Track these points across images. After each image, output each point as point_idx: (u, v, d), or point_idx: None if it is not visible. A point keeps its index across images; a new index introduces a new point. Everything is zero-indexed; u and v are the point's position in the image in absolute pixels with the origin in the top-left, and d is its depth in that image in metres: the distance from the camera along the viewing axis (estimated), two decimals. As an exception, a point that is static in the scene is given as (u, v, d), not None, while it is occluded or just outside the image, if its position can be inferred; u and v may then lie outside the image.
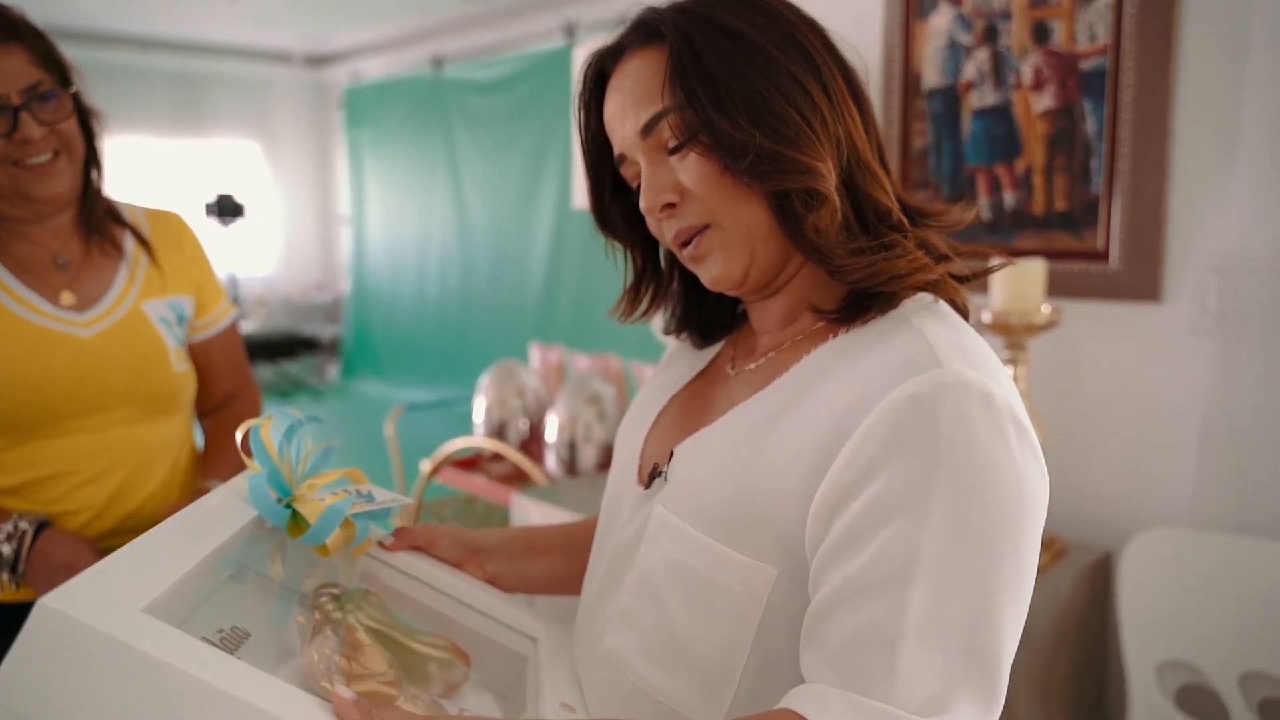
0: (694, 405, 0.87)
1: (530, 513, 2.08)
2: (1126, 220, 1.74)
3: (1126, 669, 1.67)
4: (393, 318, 8.43)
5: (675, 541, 0.76)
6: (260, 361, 8.37)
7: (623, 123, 0.79)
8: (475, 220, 7.42)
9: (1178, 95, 1.68)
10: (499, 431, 2.77)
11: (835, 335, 0.77)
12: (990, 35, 1.87)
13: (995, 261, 0.81)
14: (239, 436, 0.90)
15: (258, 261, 8.89)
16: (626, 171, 0.82)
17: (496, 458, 2.74)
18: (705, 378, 0.91)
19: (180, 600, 0.69)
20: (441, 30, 7.52)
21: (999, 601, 0.63)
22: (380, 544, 0.94)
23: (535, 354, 3.07)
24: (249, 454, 0.89)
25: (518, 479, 2.63)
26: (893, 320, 0.74)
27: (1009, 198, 1.88)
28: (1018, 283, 1.64)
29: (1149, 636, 1.67)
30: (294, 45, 8.36)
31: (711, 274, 0.79)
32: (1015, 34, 1.83)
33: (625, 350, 3.35)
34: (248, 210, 8.18)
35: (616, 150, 0.82)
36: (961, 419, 0.64)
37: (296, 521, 0.87)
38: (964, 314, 0.77)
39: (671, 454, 0.81)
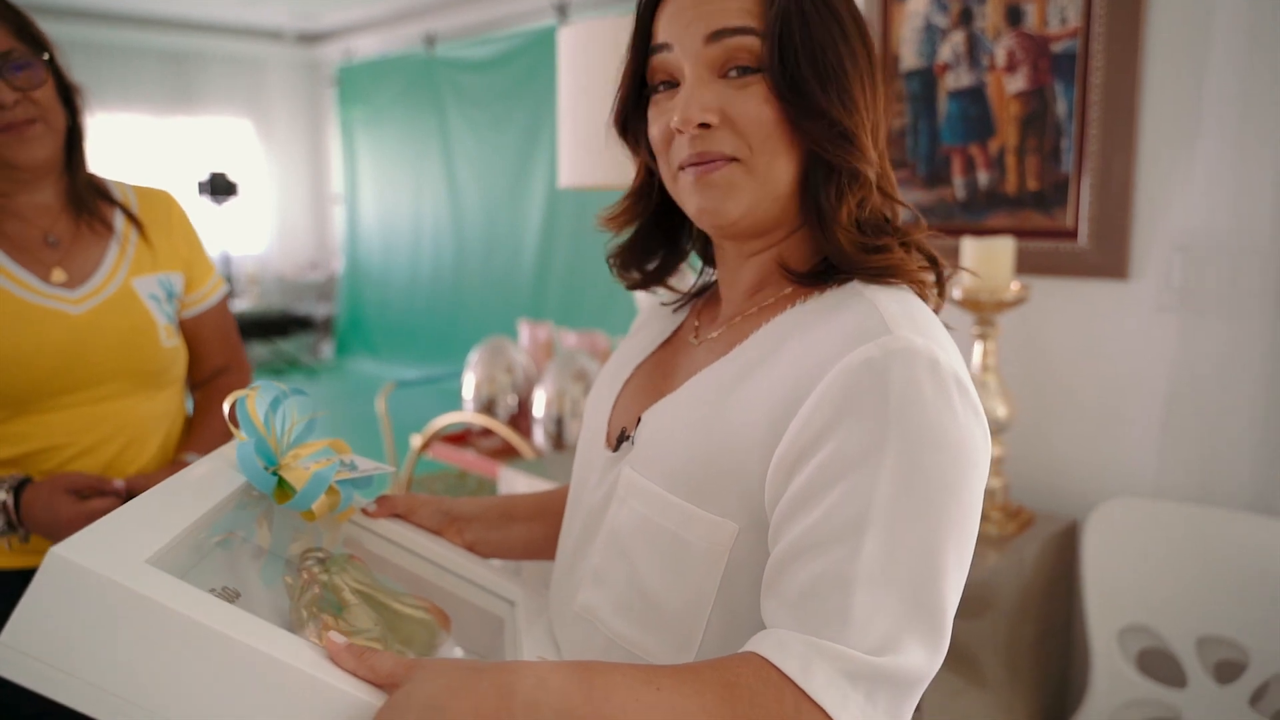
0: (660, 372, 0.92)
1: (518, 485, 2.13)
2: (1095, 200, 1.78)
3: (1089, 634, 1.73)
4: (386, 296, 8.45)
5: (643, 501, 0.80)
6: (254, 340, 8.39)
7: (692, 17, 0.77)
8: (468, 199, 7.43)
9: (1145, 78, 1.72)
10: (488, 407, 2.82)
11: (794, 305, 0.81)
12: (965, 18, 1.90)
13: (946, 272, 0.84)
14: (226, 407, 0.95)
15: (251, 240, 8.90)
16: (658, 62, 0.80)
17: (486, 433, 2.79)
18: (670, 346, 0.95)
19: (176, 558, 0.74)
20: (434, 8, 7.50)
21: (944, 551, 0.67)
22: (363, 511, 0.99)
23: (524, 331, 3.12)
24: (236, 424, 0.93)
25: (506, 453, 2.68)
26: (848, 292, 0.79)
27: (983, 177, 1.92)
28: (987, 260, 1.69)
29: (1111, 602, 1.73)
30: (286, 23, 8.33)
31: (713, 204, 0.79)
32: (989, 17, 1.87)
33: (613, 327, 3.40)
34: (241, 189, 8.18)
35: (662, 38, 0.80)
36: (910, 382, 0.68)
37: (283, 488, 0.92)
38: (935, 308, 0.82)
39: (639, 419, 0.86)
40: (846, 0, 0.80)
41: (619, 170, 1.90)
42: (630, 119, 0.87)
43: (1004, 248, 1.69)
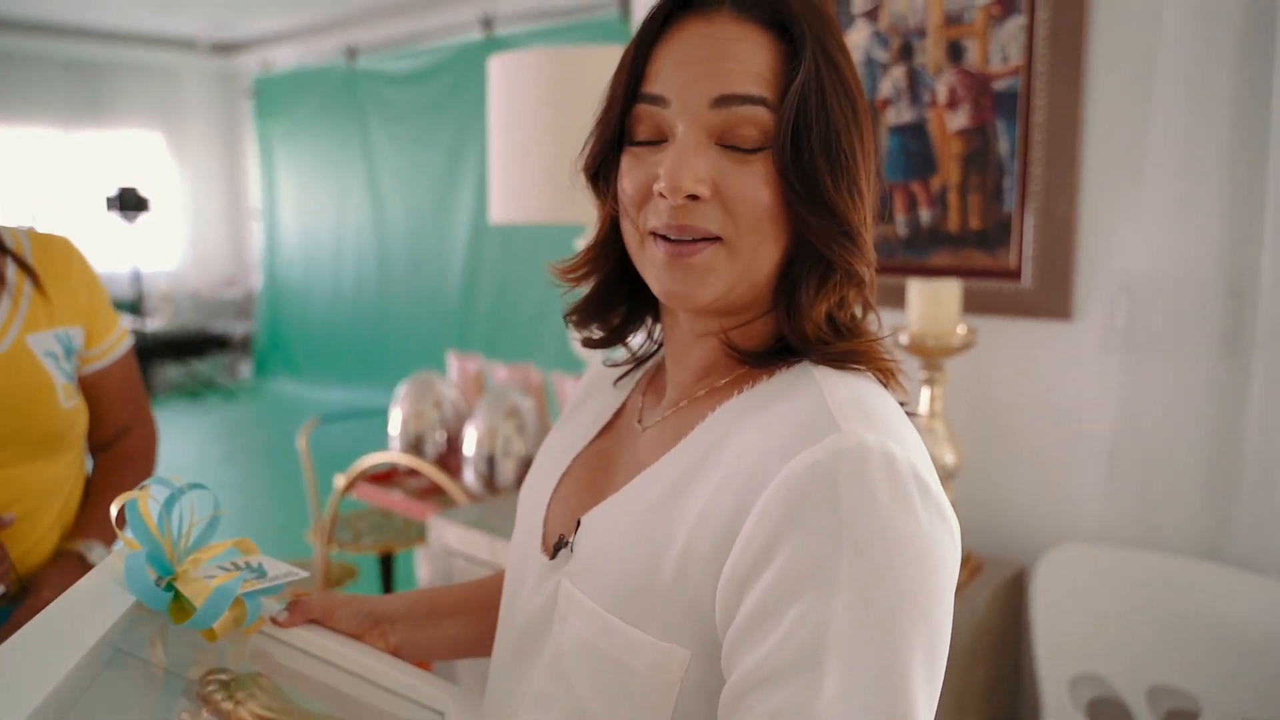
0: (600, 464, 0.84)
1: (448, 535, 2.03)
2: (1038, 239, 1.76)
3: (1040, 683, 1.69)
4: (307, 314, 8.22)
5: (584, 622, 0.72)
6: (168, 361, 8.08)
7: (697, 73, 0.69)
8: (392, 214, 7.28)
9: (1087, 118, 1.70)
10: (416, 445, 2.70)
11: (741, 390, 0.74)
12: (906, 53, 1.86)
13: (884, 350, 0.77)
14: (114, 511, 0.84)
15: (163, 256, 8.57)
16: (645, 112, 0.72)
17: (413, 472, 2.67)
18: (612, 431, 0.87)
19: (54, 705, 0.63)
20: (355, 19, 7.33)
21: (911, 672, 0.61)
22: (274, 620, 0.89)
23: (453, 364, 3.00)
24: (123, 526, 0.82)
25: (435, 493, 2.57)
26: (797, 375, 0.72)
27: (925, 215, 1.88)
28: (934, 303, 1.65)
29: (1061, 651, 1.70)
30: (200, 32, 8.05)
31: (687, 288, 0.71)
32: (930, 52, 1.83)
33: (544, 360, 3.30)
34: (152, 204, 7.86)
35: (657, 87, 0.71)
36: (862, 485, 0.61)
37: (180, 604, 0.81)
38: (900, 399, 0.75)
39: (578, 523, 0.78)
40: (855, 73, 0.73)
41: (552, 207, 1.81)
42: (603, 165, 0.78)
43: (950, 290, 1.64)
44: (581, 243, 2.19)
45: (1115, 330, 1.72)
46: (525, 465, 2.43)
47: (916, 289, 1.66)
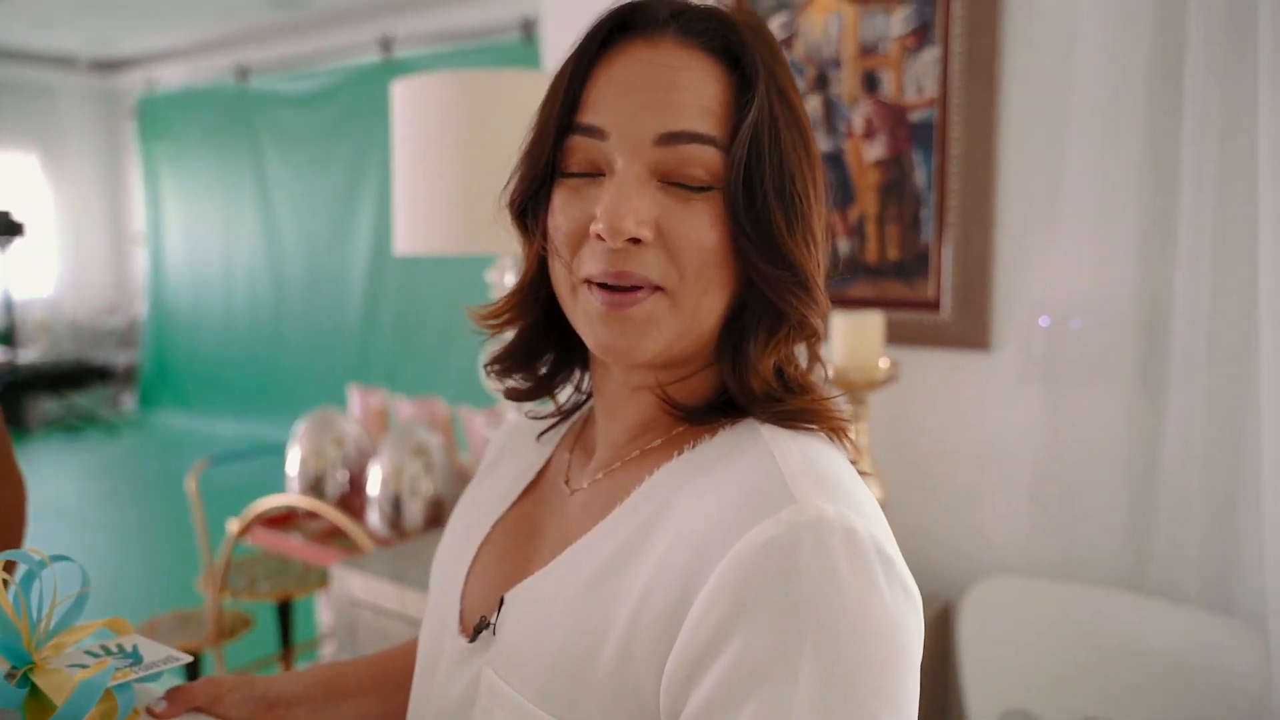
0: (524, 532, 0.75)
1: (353, 585, 1.90)
2: (957, 270, 1.75)
3: (968, 718, 1.66)
4: (197, 343, 7.86)
5: (510, 717, 0.64)
6: (43, 394, 7.61)
7: (641, 103, 0.63)
8: (287, 240, 7.03)
9: (1002, 149, 1.71)
10: (316, 485, 2.55)
11: (682, 450, 0.67)
12: (821, 83, 1.85)
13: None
14: (-40, 594, 0.72)
15: (38, 283, 8.09)
16: (580, 145, 0.65)
17: (314, 514, 2.52)
18: (536, 493, 0.79)
19: None
20: (246, 38, 7.08)
21: None
22: (150, 712, 0.77)
23: (355, 398, 2.86)
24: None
25: (337, 536, 2.43)
26: (743, 433, 0.66)
27: (843, 245, 1.86)
28: (857, 336, 1.62)
29: (990, 686, 1.67)
30: (79, 48, 7.66)
31: (625, 343, 0.64)
32: (846, 83, 1.82)
33: (451, 393, 3.19)
34: (26, 228, 7.42)
35: (594, 118, 0.64)
36: (823, 565, 0.55)
37: (38, 700, 0.70)
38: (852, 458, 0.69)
39: (501, 601, 0.69)
40: (804, 109, 0.67)
41: (461, 238, 1.72)
42: (531, 200, 0.70)
43: (874, 324, 1.62)
44: (493, 274, 2.11)
45: (1034, 360, 1.72)
46: (434, 506, 2.32)
47: (840, 322, 1.63)
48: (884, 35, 1.77)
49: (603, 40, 0.66)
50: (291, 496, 2.47)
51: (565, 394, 0.83)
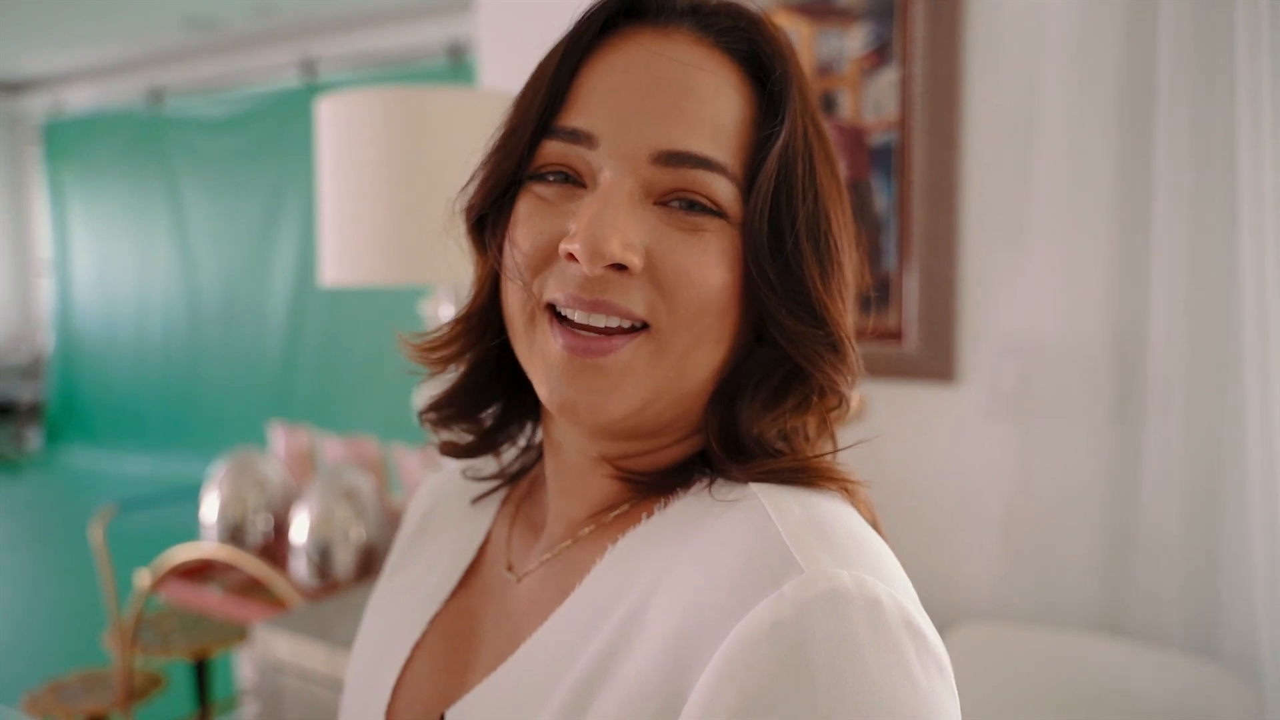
0: (462, 632, 0.62)
1: (277, 646, 1.73)
2: (921, 299, 1.68)
3: (944, 775, 1.58)
4: (108, 377, 7.49)
5: None
6: (-62, 434, 7.15)
7: (640, 110, 0.51)
8: (204, 269, 6.75)
9: (965, 175, 1.64)
10: (235, 533, 2.37)
11: (649, 514, 0.55)
12: (776, 103, 1.77)
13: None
14: None
15: (-66, 316, 7.64)
16: (560, 150, 0.53)
17: (232, 566, 2.33)
18: (474, 583, 0.65)
19: None
20: (160, 59, 6.82)
21: None
22: None
23: (278, 436, 2.68)
24: None
25: (259, 588, 2.25)
26: (723, 486, 0.54)
27: (801, 274, 1.78)
28: (822, 371, 1.53)
29: (965, 738, 1.59)
30: (-23, 69, 7.29)
31: (589, 399, 0.52)
32: (802, 103, 1.74)
33: (381, 430, 3.03)
34: (-81, 258, 7.01)
35: (580, 121, 0.52)
36: (842, 648, 0.45)
37: None
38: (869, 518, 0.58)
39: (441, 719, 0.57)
40: (831, 139, 0.57)
41: (394, 267, 1.59)
42: (492, 208, 0.57)
43: (839, 357, 1.53)
44: (428, 306, 1.97)
45: (1002, 394, 1.65)
46: (365, 554, 2.16)
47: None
48: (840, 55, 1.70)
49: (602, 26, 0.54)
50: (208, 546, 2.28)
51: (510, 452, 0.69)
